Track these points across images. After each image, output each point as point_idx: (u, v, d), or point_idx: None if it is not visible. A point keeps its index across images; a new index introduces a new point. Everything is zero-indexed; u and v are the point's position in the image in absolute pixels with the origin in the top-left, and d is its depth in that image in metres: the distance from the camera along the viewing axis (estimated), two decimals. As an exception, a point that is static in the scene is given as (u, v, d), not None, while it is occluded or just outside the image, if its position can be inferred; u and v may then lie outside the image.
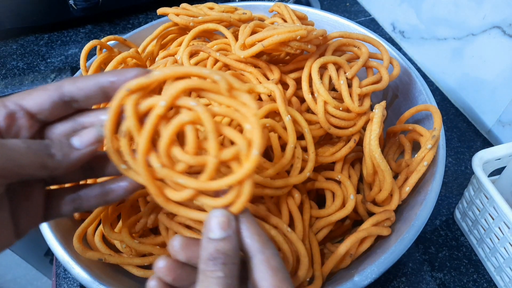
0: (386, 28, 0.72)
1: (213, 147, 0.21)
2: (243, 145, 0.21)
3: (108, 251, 0.34)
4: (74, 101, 0.23)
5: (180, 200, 0.22)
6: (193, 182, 0.21)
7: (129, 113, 0.22)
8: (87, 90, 0.23)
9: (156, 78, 0.22)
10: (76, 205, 0.24)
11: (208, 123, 0.21)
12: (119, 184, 0.24)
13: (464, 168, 0.51)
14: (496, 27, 0.49)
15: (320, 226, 0.36)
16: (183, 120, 0.21)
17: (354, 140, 0.38)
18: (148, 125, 0.21)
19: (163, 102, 0.21)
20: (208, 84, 0.22)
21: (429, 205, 0.33)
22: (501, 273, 0.39)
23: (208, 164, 0.21)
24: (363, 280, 0.30)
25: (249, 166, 0.21)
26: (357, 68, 0.38)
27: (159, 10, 0.46)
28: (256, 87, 0.35)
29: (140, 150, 0.21)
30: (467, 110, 0.57)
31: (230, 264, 0.20)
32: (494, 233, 0.39)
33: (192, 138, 0.21)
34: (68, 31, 0.73)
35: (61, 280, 0.42)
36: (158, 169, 0.21)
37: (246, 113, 0.22)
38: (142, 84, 0.22)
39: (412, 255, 0.43)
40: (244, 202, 0.22)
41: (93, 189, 0.25)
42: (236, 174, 0.21)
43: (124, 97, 0.22)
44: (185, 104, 0.22)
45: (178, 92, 0.21)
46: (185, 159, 0.21)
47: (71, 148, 0.22)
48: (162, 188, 0.22)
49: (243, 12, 0.47)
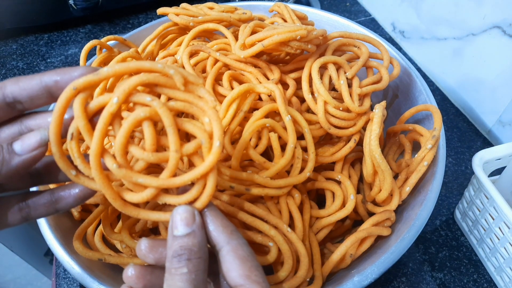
0: (386, 28, 0.72)
1: (174, 141, 0.20)
2: (204, 138, 0.21)
3: (108, 251, 0.34)
4: (18, 102, 0.21)
5: (141, 201, 0.21)
6: (154, 180, 0.20)
7: (77, 112, 0.20)
8: (30, 90, 0.21)
9: (105, 75, 0.21)
10: (24, 214, 0.23)
11: (166, 118, 0.20)
12: (69, 191, 0.23)
13: (464, 168, 0.51)
14: (496, 27, 0.48)
15: (320, 226, 0.36)
16: (139, 116, 0.20)
17: (354, 140, 0.38)
18: (100, 123, 0.20)
19: (116, 98, 0.20)
20: (162, 79, 0.21)
21: (429, 205, 0.33)
22: (501, 273, 0.39)
23: (169, 160, 0.20)
24: (363, 280, 0.29)
25: (212, 158, 0.20)
26: (357, 68, 0.38)
27: (159, 10, 0.46)
28: (256, 87, 0.35)
29: (92, 152, 0.20)
30: (467, 110, 0.57)
31: (195, 259, 0.20)
32: (494, 233, 0.39)
33: (150, 134, 0.20)
34: (68, 31, 0.73)
35: (61, 280, 0.42)
36: (115, 170, 0.20)
37: (203, 107, 0.21)
38: (90, 82, 0.20)
39: (412, 255, 0.43)
40: (209, 196, 0.21)
41: (41, 197, 0.23)
42: (199, 167, 0.21)
43: (71, 96, 0.20)
44: (139, 100, 0.20)
45: (131, 87, 0.20)
46: (145, 156, 0.20)
47: (11, 153, 0.20)
48: (119, 191, 0.21)
49: (243, 12, 0.47)
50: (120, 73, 0.21)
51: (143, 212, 0.22)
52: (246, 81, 0.39)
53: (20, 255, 0.79)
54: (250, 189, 0.32)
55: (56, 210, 0.23)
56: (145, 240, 0.22)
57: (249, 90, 0.35)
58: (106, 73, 0.21)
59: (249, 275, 0.20)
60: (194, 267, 0.20)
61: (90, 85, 0.21)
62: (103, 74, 0.21)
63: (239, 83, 0.38)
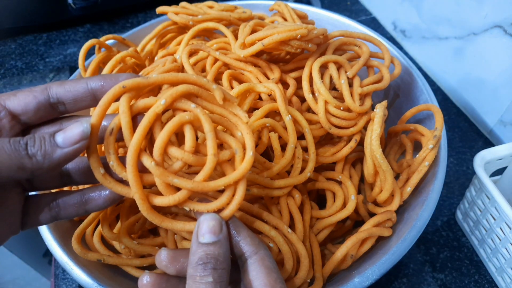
0: (387, 27, 0.71)
1: (212, 145, 0.21)
2: (239, 148, 0.22)
3: (107, 252, 0.34)
4: (61, 103, 0.22)
5: (171, 203, 0.21)
6: (189, 182, 0.21)
7: (123, 108, 0.21)
8: (75, 92, 0.22)
9: (155, 80, 0.22)
10: (54, 213, 0.23)
11: (207, 124, 0.21)
12: (100, 192, 0.23)
13: (466, 168, 0.51)
14: (498, 26, 0.48)
15: (321, 226, 0.35)
16: (184, 118, 0.21)
17: (355, 140, 0.38)
18: (144, 120, 0.21)
19: (164, 100, 0.21)
20: (205, 92, 0.23)
21: (431, 205, 0.33)
22: (503, 274, 0.39)
23: (207, 162, 0.21)
24: (364, 281, 0.29)
25: (246, 165, 0.21)
26: (358, 67, 0.38)
27: (158, 9, 0.46)
28: (256, 87, 0.35)
29: (132, 146, 0.20)
30: (469, 110, 0.56)
31: (220, 269, 0.20)
32: (495, 234, 0.39)
33: (191, 136, 0.21)
34: (67, 30, 0.73)
35: (59, 281, 0.42)
36: (153, 167, 0.20)
37: (237, 122, 0.23)
38: (139, 83, 0.21)
39: (413, 256, 0.43)
40: (239, 203, 0.22)
41: (72, 197, 0.23)
42: (234, 173, 0.21)
43: (118, 93, 0.21)
44: (183, 106, 0.22)
45: (179, 93, 0.21)
46: (184, 156, 0.21)
47: (53, 146, 0.20)
48: (148, 195, 0.21)
49: (243, 11, 0.46)
50: (169, 81, 0.22)
51: (167, 220, 0.22)
52: (246, 81, 0.39)
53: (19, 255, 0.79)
54: (250, 189, 0.32)
55: (85, 211, 0.23)
56: (165, 251, 0.22)
57: (249, 90, 0.35)
58: (155, 78, 0.22)
59: (274, 285, 0.21)
60: (219, 277, 0.20)
61: (138, 87, 0.21)
62: (152, 79, 0.22)
63: (239, 82, 0.38)
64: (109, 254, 0.34)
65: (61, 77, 0.64)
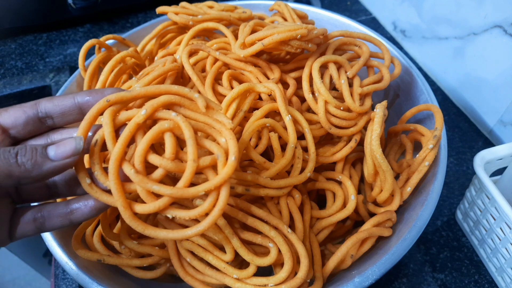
0: (387, 27, 0.71)
1: (192, 151, 0.21)
2: (220, 153, 0.22)
3: (107, 252, 0.34)
4: (49, 117, 0.23)
5: (152, 210, 0.21)
6: (168, 189, 0.21)
7: (106, 120, 0.22)
8: (63, 107, 0.23)
9: (137, 94, 0.22)
10: (38, 224, 0.23)
11: (187, 130, 0.21)
12: (85, 202, 0.23)
13: (466, 168, 0.51)
14: (498, 26, 0.48)
15: (321, 227, 0.35)
16: (163, 127, 0.21)
17: (355, 140, 0.38)
18: (126, 131, 0.21)
19: (144, 110, 0.22)
20: (187, 101, 0.23)
21: (431, 205, 0.33)
22: (503, 274, 0.39)
23: (186, 168, 0.21)
24: (364, 281, 0.29)
25: (228, 170, 0.21)
26: (358, 67, 0.38)
27: (158, 9, 0.46)
28: (256, 87, 0.35)
29: (114, 155, 0.21)
30: (469, 110, 0.56)
31: None
32: (495, 234, 0.39)
33: (171, 143, 0.21)
34: (67, 30, 0.73)
35: (59, 281, 0.42)
36: (132, 175, 0.21)
37: (221, 128, 0.23)
38: (122, 97, 0.22)
39: (413, 256, 0.43)
40: (221, 209, 0.22)
41: (57, 208, 0.23)
42: (215, 178, 0.21)
43: (103, 107, 0.22)
44: (165, 115, 0.22)
45: (160, 103, 0.22)
46: (163, 163, 0.21)
47: (44, 158, 0.20)
48: (130, 203, 0.22)
49: (243, 11, 0.46)
50: (151, 93, 0.23)
51: (150, 228, 0.22)
52: (246, 81, 0.39)
53: (19, 256, 0.79)
54: (250, 189, 0.32)
55: (70, 222, 0.23)
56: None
57: (249, 90, 0.35)
58: (138, 92, 0.22)
59: None
60: None
61: (122, 100, 0.22)
62: (135, 93, 0.22)
63: (239, 82, 0.38)
64: (109, 254, 0.34)
65: (61, 77, 0.64)
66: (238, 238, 0.30)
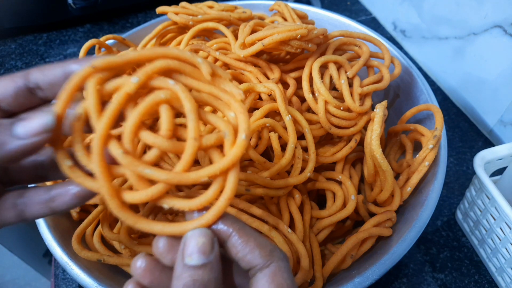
0: (387, 27, 0.71)
1: (193, 127, 0.17)
2: (228, 130, 0.18)
3: (107, 252, 0.34)
4: (39, 88, 0.20)
5: (144, 199, 0.18)
6: (163, 173, 0.17)
7: (90, 90, 0.18)
8: (51, 76, 0.20)
9: (129, 58, 0.18)
10: (18, 211, 0.20)
11: (188, 102, 0.18)
12: (67, 188, 0.20)
13: (466, 168, 0.51)
14: (498, 26, 0.48)
15: (321, 227, 0.35)
16: (158, 98, 0.18)
17: (355, 140, 0.38)
18: (113, 102, 0.18)
19: (136, 78, 0.18)
20: (188, 68, 0.19)
21: (431, 205, 0.33)
22: (503, 274, 0.39)
23: (186, 149, 0.18)
24: (364, 281, 0.29)
25: (237, 151, 0.18)
26: (358, 67, 0.38)
27: (158, 9, 0.46)
28: (256, 87, 0.35)
29: (98, 132, 0.17)
30: (469, 110, 0.56)
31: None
32: (495, 234, 0.39)
33: (167, 117, 0.18)
34: (67, 30, 0.73)
35: (59, 281, 0.42)
36: (120, 156, 0.17)
37: (229, 100, 0.19)
38: (110, 63, 0.18)
39: (413, 256, 0.43)
40: (229, 198, 0.18)
41: (37, 193, 0.20)
42: (220, 161, 0.18)
43: (87, 74, 0.18)
44: (161, 84, 0.18)
45: (155, 70, 0.18)
46: (157, 141, 0.17)
47: (9, 136, 0.17)
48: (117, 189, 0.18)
49: (243, 11, 0.46)
50: (145, 58, 0.19)
51: (142, 221, 0.18)
52: (246, 81, 0.39)
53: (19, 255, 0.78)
54: (250, 189, 0.32)
55: (52, 210, 0.20)
56: (163, 238, 0.18)
57: (249, 90, 0.35)
58: (130, 55, 0.18)
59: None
60: None
61: (110, 67, 0.18)
62: (126, 57, 0.18)
63: (239, 82, 0.38)
64: (109, 254, 0.34)
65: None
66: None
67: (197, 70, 0.19)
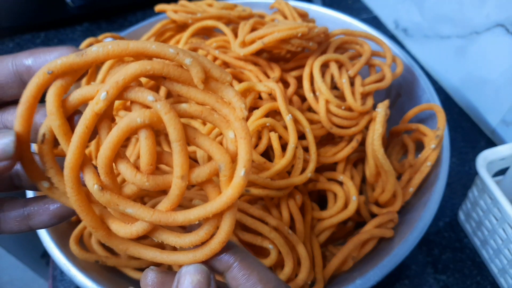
0: (388, 26, 0.71)
1: (180, 163, 0.15)
2: (224, 162, 0.15)
3: (104, 253, 0.34)
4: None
5: (129, 236, 0.16)
6: (148, 213, 0.15)
7: (50, 106, 0.15)
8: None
9: (93, 57, 0.15)
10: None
11: (173, 129, 0.15)
12: (46, 206, 0.18)
13: (468, 169, 0.50)
14: (500, 25, 0.48)
15: (322, 228, 0.35)
16: (133, 123, 0.14)
17: (357, 140, 0.37)
18: (80, 126, 0.15)
19: (104, 93, 0.15)
20: (174, 70, 0.15)
21: (433, 206, 0.33)
22: (505, 275, 0.39)
23: (171, 189, 0.15)
24: (365, 283, 0.29)
25: (232, 192, 0.15)
26: (360, 66, 0.37)
27: (157, 7, 0.45)
28: (256, 86, 0.35)
29: (68, 164, 0.15)
30: (471, 110, 0.56)
31: None
32: (498, 235, 0.38)
33: (148, 149, 0.15)
34: (65, 28, 0.72)
35: (57, 282, 0.41)
36: (96, 193, 0.15)
37: (229, 115, 0.16)
38: (71, 64, 0.15)
39: (415, 257, 0.42)
40: (222, 242, 0.16)
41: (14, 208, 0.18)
42: (213, 203, 0.16)
43: (44, 83, 0.15)
44: (138, 98, 0.15)
45: (127, 79, 0.15)
46: (137, 180, 0.15)
47: None
48: (103, 217, 0.16)
49: (242, 9, 0.46)
50: (113, 55, 0.15)
51: (134, 247, 0.17)
52: (246, 80, 0.38)
53: (17, 257, 0.78)
54: (249, 190, 0.31)
55: (29, 228, 0.18)
56: (152, 272, 0.17)
57: (249, 89, 0.35)
58: (94, 54, 0.15)
59: None
60: None
61: (72, 69, 0.15)
62: (90, 56, 0.15)
63: (238, 81, 0.38)
64: (107, 256, 0.33)
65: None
66: (238, 239, 0.29)
67: (187, 72, 0.16)
